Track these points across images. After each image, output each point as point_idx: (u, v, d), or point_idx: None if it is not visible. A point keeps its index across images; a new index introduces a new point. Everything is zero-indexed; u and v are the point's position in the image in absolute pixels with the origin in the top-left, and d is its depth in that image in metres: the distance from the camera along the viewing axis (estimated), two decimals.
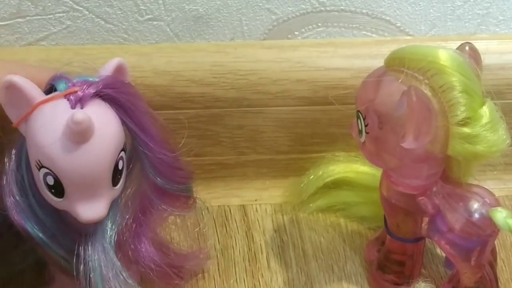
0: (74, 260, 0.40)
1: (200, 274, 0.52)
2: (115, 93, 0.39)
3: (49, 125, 0.37)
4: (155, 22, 0.54)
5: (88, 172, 0.38)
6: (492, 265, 0.48)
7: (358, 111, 0.43)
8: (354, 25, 0.56)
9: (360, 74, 0.54)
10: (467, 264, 0.45)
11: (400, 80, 0.41)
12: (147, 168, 0.42)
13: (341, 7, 0.55)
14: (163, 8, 0.53)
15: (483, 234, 0.44)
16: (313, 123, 0.56)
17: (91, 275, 0.40)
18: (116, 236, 0.41)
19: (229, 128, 0.55)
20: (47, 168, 0.38)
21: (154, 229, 0.46)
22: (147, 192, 0.43)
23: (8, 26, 0.53)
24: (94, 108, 0.38)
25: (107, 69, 0.40)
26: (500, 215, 0.43)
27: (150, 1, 0.53)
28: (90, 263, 0.40)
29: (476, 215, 0.44)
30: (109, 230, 0.41)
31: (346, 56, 0.55)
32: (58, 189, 0.38)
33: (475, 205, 0.44)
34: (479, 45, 0.56)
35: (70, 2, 0.52)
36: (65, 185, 0.38)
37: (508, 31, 0.57)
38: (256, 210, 0.57)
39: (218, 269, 0.52)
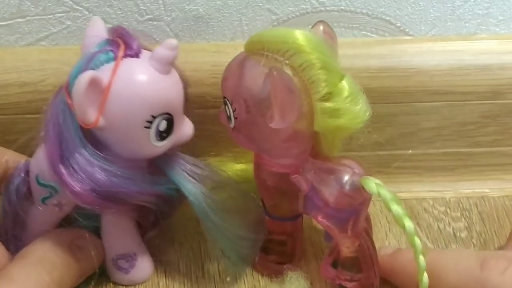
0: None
1: (200, 274, 0.52)
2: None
3: (141, 77, 0.41)
4: (155, 22, 0.54)
5: (181, 96, 0.44)
6: (368, 232, 0.49)
7: (224, 97, 0.44)
8: (354, 25, 0.56)
9: (361, 74, 0.54)
10: (345, 234, 0.46)
11: (262, 63, 0.42)
12: None
13: (341, 7, 0.55)
14: (163, 8, 0.53)
15: (356, 203, 0.45)
16: None
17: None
18: None
19: None
20: (162, 114, 0.42)
21: None
22: None
23: (8, 26, 0.53)
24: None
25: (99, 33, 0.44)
26: (370, 182, 0.44)
27: (150, 1, 0.53)
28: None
29: (348, 186, 0.45)
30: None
31: (346, 56, 0.55)
32: (169, 128, 0.43)
33: (345, 177, 0.45)
34: (479, 45, 0.57)
35: (70, 2, 0.52)
36: (175, 117, 0.43)
37: (508, 31, 0.57)
38: None
39: (218, 269, 0.52)
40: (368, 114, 0.44)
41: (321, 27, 0.45)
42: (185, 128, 0.45)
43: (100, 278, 0.49)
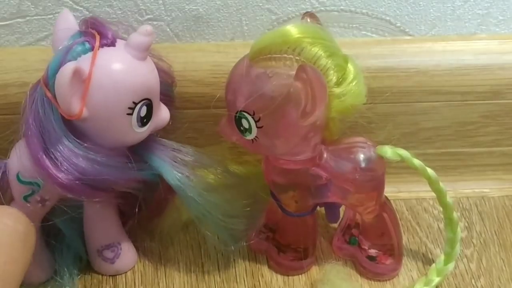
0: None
1: (200, 274, 0.52)
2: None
3: (120, 64, 0.42)
4: (155, 22, 0.54)
5: (158, 81, 0.44)
6: (386, 197, 0.51)
7: (240, 112, 0.43)
8: (354, 25, 0.56)
9: None
10: (373, 205, 0.48)
11: (278, 66, 0.42)
12: None
13: (341, 7, 0.55)
14: (163, 8, 0.53)
15: (379, 174, 0.47)
16: None
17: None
18: None
19: None
20: (142, 100, 0.42)
21: None
22: None
23: (8, 26, 0.53)
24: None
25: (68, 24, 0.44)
26: (387, 149, 0.46)
27: (150, 1, 0.53)
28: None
29: (367, 161, 0.47)
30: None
31: None
32: (149, 113, 0.44)
33: (361, 153, 0.47)
34: (479, 45, 0.56)
35: (70, 2, 0.52)
36: (153, 102, 0.44)
37: (508, 31, 0.57)
38: None
39: (218, 269, 0.52)
40: (365, 91, 0.45)
41: (308, 19, 0.46)
42: (162, 113, 0.46)
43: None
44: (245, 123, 0.44)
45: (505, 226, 0.57)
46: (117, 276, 0.51)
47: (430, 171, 0.48)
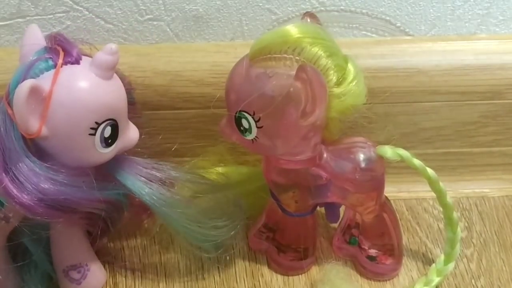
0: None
1: (200, 274, 0.52)
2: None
3: (82, 83, 0.40)
4: (155, 22, 0.54)
5: (124, 101, 0.43)
6: (386, 197, 0.51)
7: (240, 112, 0.43)
8: (354, 25, 0.56)
9: None
10: (373, 205, 0.49)
11: (281, 68, 0.42)
12: None
13: (341, 7, 0.55)
14: (163, 8, 0.53)
15: (378, 174, 0.47)
16: None
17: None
18: None
19: None
20: (106, 120, 0.41)
21: None
22: None
23: (8, 26, 0.53)
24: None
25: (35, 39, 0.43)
26: (387, 149, 0.46)
27: (150, 1, 0.53)
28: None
29: (367, 161, 0.47)
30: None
31: None
32: (114, 134, 0.42)
33: (361, 153, 0.47)
34: (479, 45, 0.56)
35: (70, 2, 0.52)
36: (119, 123, 0.42)
37: (508, 31, 0.57)
38: None
39: (218, 269, 0.52)
40: (365, 91, 0.45)
41: (308, 19, 0.46)
42: (131, 133, 0.44)
43: None
44: (245, 123, 0.44)
45: (505, 226, 0.57)
46: (117, 276, 0.52)
47: (430, 171, 0.48)
